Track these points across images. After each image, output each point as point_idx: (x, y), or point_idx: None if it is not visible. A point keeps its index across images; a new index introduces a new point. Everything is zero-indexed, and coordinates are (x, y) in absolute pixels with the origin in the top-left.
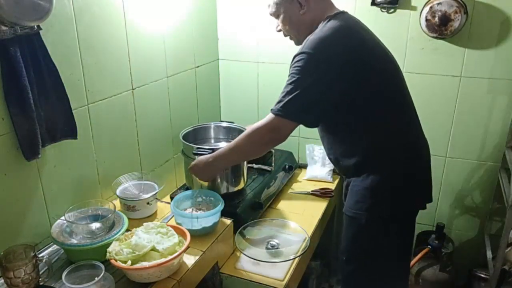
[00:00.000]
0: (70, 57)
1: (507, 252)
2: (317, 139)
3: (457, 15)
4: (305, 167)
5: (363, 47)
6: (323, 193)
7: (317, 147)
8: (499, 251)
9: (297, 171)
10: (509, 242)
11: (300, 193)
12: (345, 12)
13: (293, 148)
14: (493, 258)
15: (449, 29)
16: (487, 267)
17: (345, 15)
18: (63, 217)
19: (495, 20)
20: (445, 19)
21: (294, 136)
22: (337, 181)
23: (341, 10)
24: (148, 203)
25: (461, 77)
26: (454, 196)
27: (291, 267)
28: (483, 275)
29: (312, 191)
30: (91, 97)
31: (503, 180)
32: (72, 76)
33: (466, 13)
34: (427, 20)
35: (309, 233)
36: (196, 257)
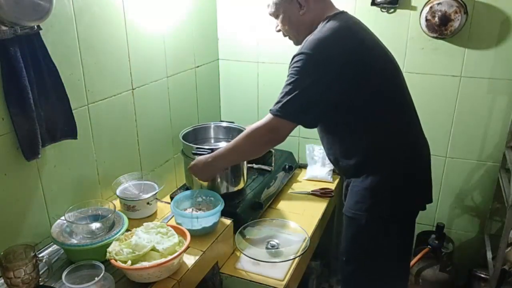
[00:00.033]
0: (70, 57)
1: (507, 252)
2: (317, 139)
3: (457, 15)
4: (305, 167)
5: (362, 47)
6: (323, 193)
7: (317, 147)
8: (499, 251)
9: (297, 171)
10: (509, 242)
11: (300, 193)
12: (345, 12)
13: (293, 148)
14: (493, 258)
15: (449, 29)
16: (487, 267)
17: (345, 15)
18: (63, 217)
19: (495, 20)
20: (445, 19)
21: (294, 136)
22: (337, 181)
23: (341, 10)
24: (148, 203)
25: (461, 77)
26: (454, 196)
27: (291, 267)
28: (483, 275)
29: (312, 191)
30: (91, 97)
31: (503, 180)
32: (72, 76)
33: (466, 13)
34: (427, 20)
35: (309, 233)
36: (196, 257)
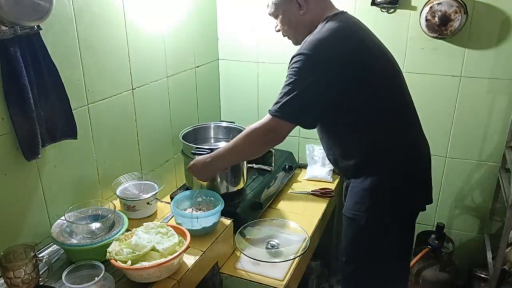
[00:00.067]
0: (70, 57)
1: (507, 252)
2: (317, 139)
3: (457, 15)
4: (305, 167)
5: (362, 47)
6: (323, 193)
7: (317, 147)
8: (499, 251)
9: (297, 171)
10: (509, 242)
11: (300, 193)
12: (345, 12)
13: (293, 148)
14: (493, 258)
15: (449, 29)
16: (487, 267)
17: (345, 15)
18: (63, 217)
19: (495, 20)
20: (445, 19)
21: (294, 136)
22: (337, 181)
23: (340, 10)
24: (148, 203)
25: (461, 77)
26: (454, 196)
27: (291, 267)
28: (483, 275)
29: (312, 191)
30: (91, 97)
31: (503, 180)
32: (72, 76)
33: (466, 13)
34: (427, 20)
35: (309, 233)
36: (196, 257)
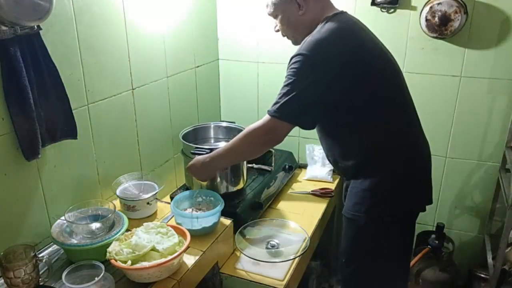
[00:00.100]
0: (70, 57)
1: (507, 252)
2: (317, 139)
3: (457, 15)
4: (305, 167)
5: (362, 47)
6: (323, 193)
7: (317, 147)
8: (499, 251)
9: (297, 171)
10: (509, 242)
11: (300, 193)
12: (345, 12)
13: (293, 148)
14: (493, 258)
15: (449, 29)
16: (487, 267)
17: (344, 15)
18: (63, 217)
19: (495, 20)
20: (445, 19)
21: (294, 136)
22: (337, 181)
23: (340, 10)
24: (148, 203)
25: (461, 77)
26: (454, 196)
27: (291, 267)
28: (483, 275)
29: (312, 191)
30: (91, 97)
31: (503, 180)
32: (72, 76)
33: (466, 13)
34: (427, 20)
35: (309, 233)
36: (196, 257)
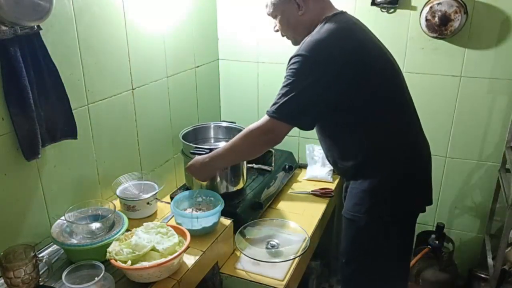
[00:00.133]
0: (70, 57)
1: (507, 252)
2: (317, 139)
3: (457, 15)
4: (305, 167)
5: (362, 48)
6: (323, 193)
7: (317, 147)
8: (499, 251)
9: (297, 171)
10: (509, 242)
11: (300, 193)
12: (344, 12)
13: (293, 148)
14: (493, 258)
15: (449, 29)
16: (487, 267)
17: (344, 15)
18: (63, 217)
19: (495, 20)
20: (445, 19)
21: (294, 136)
22: (337, 181)
23: (340, 10)
24: (148, 203)
25: (461, 77)
26: (454, 196)
27: (291, 267)
28: (483, 275)
29: (312, 191)
30: (91, 97)
31: (503, 180)
32: (72, 76)
33: (466, 13)
34: (427, 20)
35: (309, 233)
36: (196, 257)
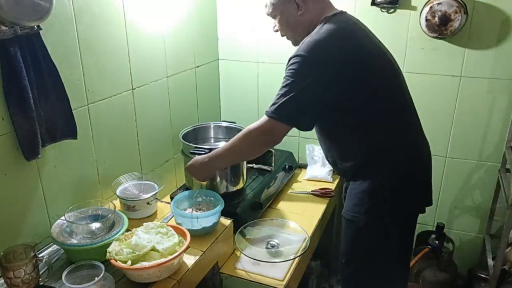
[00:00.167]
0: (70, 57)
1: (507, 252)
2: (317, 139)
3: (457, 15)
4: (305, 167)
5: (361, 48)
6: (323, 193)
7: (317, 147)
8: (499, 251)
9: (297, 171)
10: (509, 242)
11: (300, 193)
12: (344, 12)
13: (293, 148)
14: (493, 258)
15: (449, 29)
16: (487, 267)
17: (344, 15)
18: (63, 217)
19: (495, 20)
20: (445, 19)
21: (294, 136)
22: (337, 181)
23: (340, 10)
24: (148, 203)
25: (461, 77)
26: (454, 196)
27: (291, 267)
28: (483, 275)
29: (312, 191)
30: (91, 97)
31: (503, 180)
32: (72, 76)
33: (466, 13)
34: (427, 20)
35: (309, 233)
36: (196, 257)
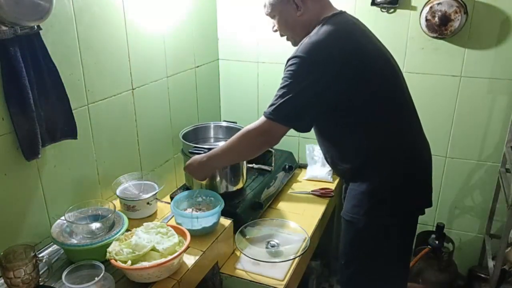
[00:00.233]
0: (70, 57)
1: (507, 252)
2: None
3: (457, 15)
4: (305, 167)
5: (361, 48)
6: (323, 193)
7: (317, 147)
8: (499, 251)
9: (297, 171)
10: (509, 242)
11: (300, 193)
12: (344, 12)
13: (293, 148)
14: (493, 258)
15: (449, 29)
16: (487, 267)
17: (343, 15)
18: (63, 217)
19: (495, 20)
20: (445, 19)
21: (294, 136)
22: (337, 181)
23: (339, 10)
24: (148, 203)
25: (461, 77)
26: (454, 196)
27: (291, 267)
28: (483, 275)
29: (312, 191)
30: (91, 97)
31: (503, 180)
32: (72, 76)
33: (466, 13)
34: (427, 20)
35: (309, 233)
36: (196, 257)
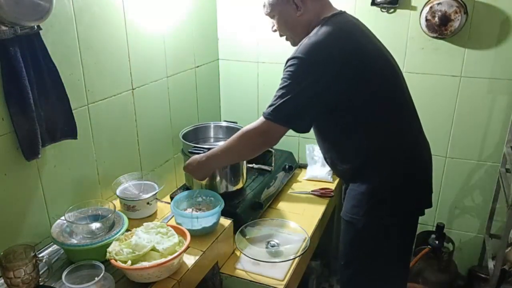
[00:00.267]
0: (70, 57)
1: (507, 252)
2: None
3: (457, 15)
4: (305, 167)
5: (361, 49)
6: (323, 193)
7: (317, 147)
8: (499, 251)
9: (297, 171)
10: (509, 242)
11: (300, 193)
12: (343, 12)
13: (293, 148)
14: (493, 258)
15: (449, 29)
16: (487, 267)
17: (343, 15)
18: (63, 217)
19: (495, 20)
20: (445, 19)
21: (294, 136)
22: (337, 181)
23: (339, 10)
24: (148, 203)
25: (461, 77)
26: (454, 196)
27: (291, 267)
28: (483, 275)
29: (312, 191)
30: (91, 97)
31: (503, 180)
32: (72, 76)
33: (466, 13)
34: (427, 20)
35: (309, 233)
36: (196, 257)
